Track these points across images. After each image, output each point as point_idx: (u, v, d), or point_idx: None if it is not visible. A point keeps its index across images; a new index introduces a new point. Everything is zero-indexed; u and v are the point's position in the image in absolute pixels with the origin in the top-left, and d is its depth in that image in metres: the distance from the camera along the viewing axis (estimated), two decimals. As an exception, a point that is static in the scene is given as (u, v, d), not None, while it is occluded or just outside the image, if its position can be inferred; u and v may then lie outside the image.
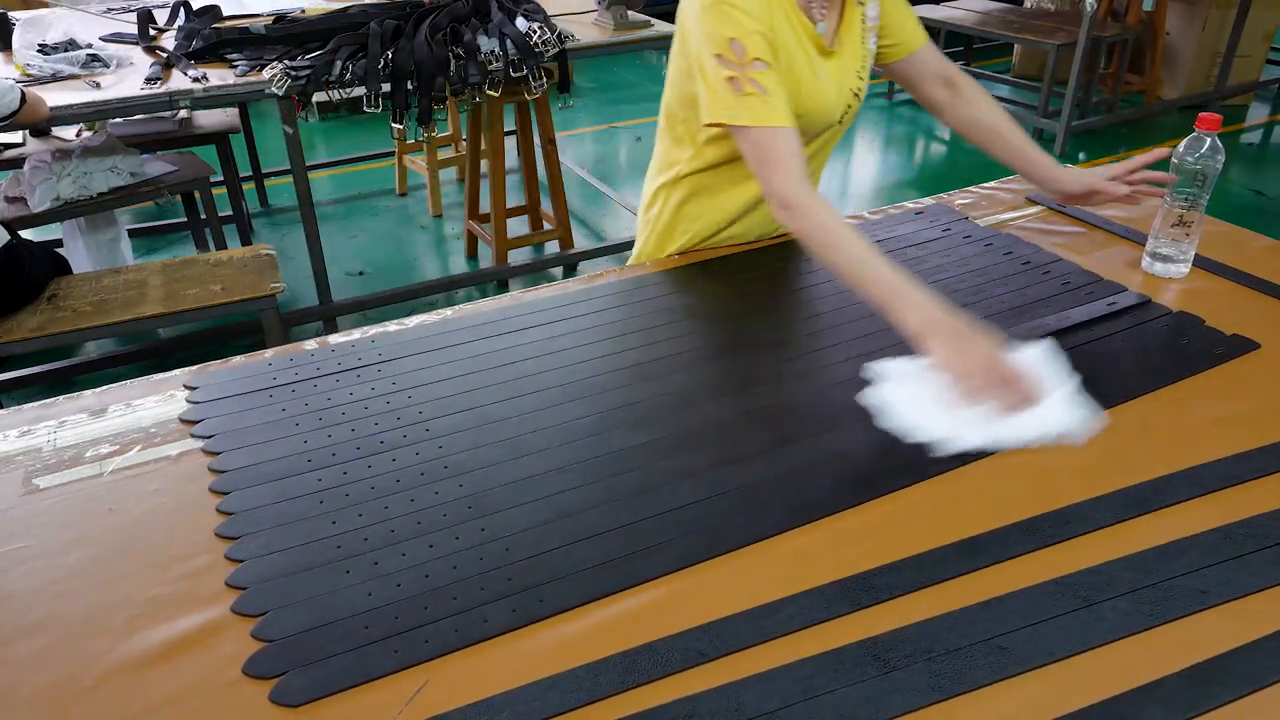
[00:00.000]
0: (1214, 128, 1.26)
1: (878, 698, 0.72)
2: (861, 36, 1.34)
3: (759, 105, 1.18)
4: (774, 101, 1.19)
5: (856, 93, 1.36)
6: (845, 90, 1.34)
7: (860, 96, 1.37)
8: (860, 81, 1.36)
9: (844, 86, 1.33)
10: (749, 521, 0.90)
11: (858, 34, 1.33)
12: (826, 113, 1.33)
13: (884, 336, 1.21)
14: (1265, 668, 0.74)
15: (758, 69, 1.18)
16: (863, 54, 1.35)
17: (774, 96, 1.19)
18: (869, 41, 1.36)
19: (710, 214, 1.44)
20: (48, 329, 2.19)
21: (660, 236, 1.48)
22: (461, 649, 0.78)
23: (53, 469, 1.00)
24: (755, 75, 1.18)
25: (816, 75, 1.29)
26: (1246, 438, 1.00)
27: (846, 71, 1.33)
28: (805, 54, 1.27)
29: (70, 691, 0.75)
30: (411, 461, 0.99)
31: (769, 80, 1.19)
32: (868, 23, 1.35)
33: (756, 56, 1.18)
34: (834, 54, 1.31)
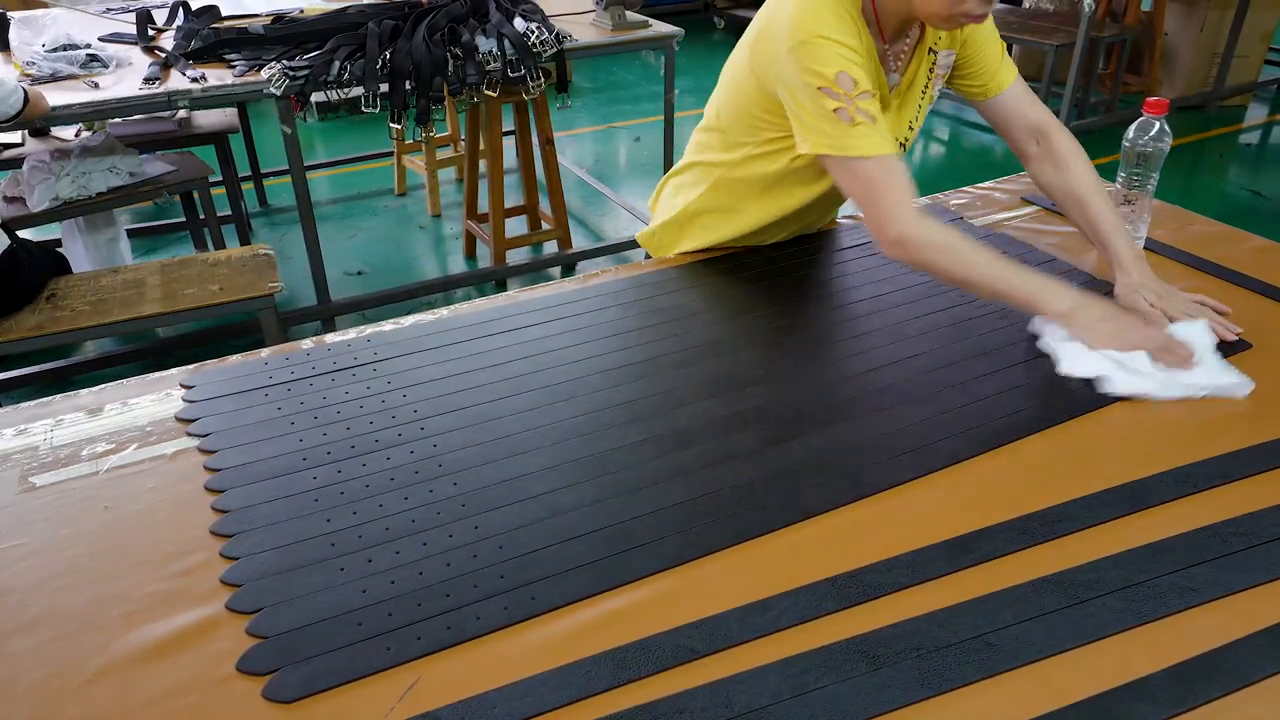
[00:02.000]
0: (1161, 112, 1.32)
1: (868, 694, 0.73)
2: (924, 87, 1.33)
3: (871, 135, 1.16)
4: (883, 129, 1.17)
5: (904, 142, 1.35)
6: (897, 138, 1.32)
7: (907, 146, 1.35)
8: (911, 132, 1.35)
9: (894, 138, 1.30)
10: (740, 520, 0.91)
11: (920, 85, 1.32)
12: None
13: (880, 336, 1.22)
14: (1252, 664, 0.74)
15: (865, 99, 1.15)
16: (918, 105, 1.34)
17: (881, 125, 1.17)
18: (933, 88, 1.34)
19: (725, 228, 1.44)
20: (46, 328, 2.19)
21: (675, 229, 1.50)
22: (454, 646, 0.78)
23: (49, 467, 1.01)
24: (864, 106, 1.15)
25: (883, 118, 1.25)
26: (1237, 437, 1.01)
27: (900, 124, 1.33)
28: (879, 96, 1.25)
29: (66, 687, 0.75)
30: (406, 460, 1.00)
31: (876, 109, 1.17)
32: (936, 69, 1.33)
33: (865, 89, 1.15)
34: (892, 106, 1.30)
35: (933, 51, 1.30)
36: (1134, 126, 1.34)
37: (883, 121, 1.18)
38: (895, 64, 1.28)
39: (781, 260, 1.44)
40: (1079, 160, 1.32)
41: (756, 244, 1.47)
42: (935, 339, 1.20)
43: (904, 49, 1.28)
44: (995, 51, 1.34)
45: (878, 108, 1.17)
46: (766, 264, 1.43)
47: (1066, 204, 1.34)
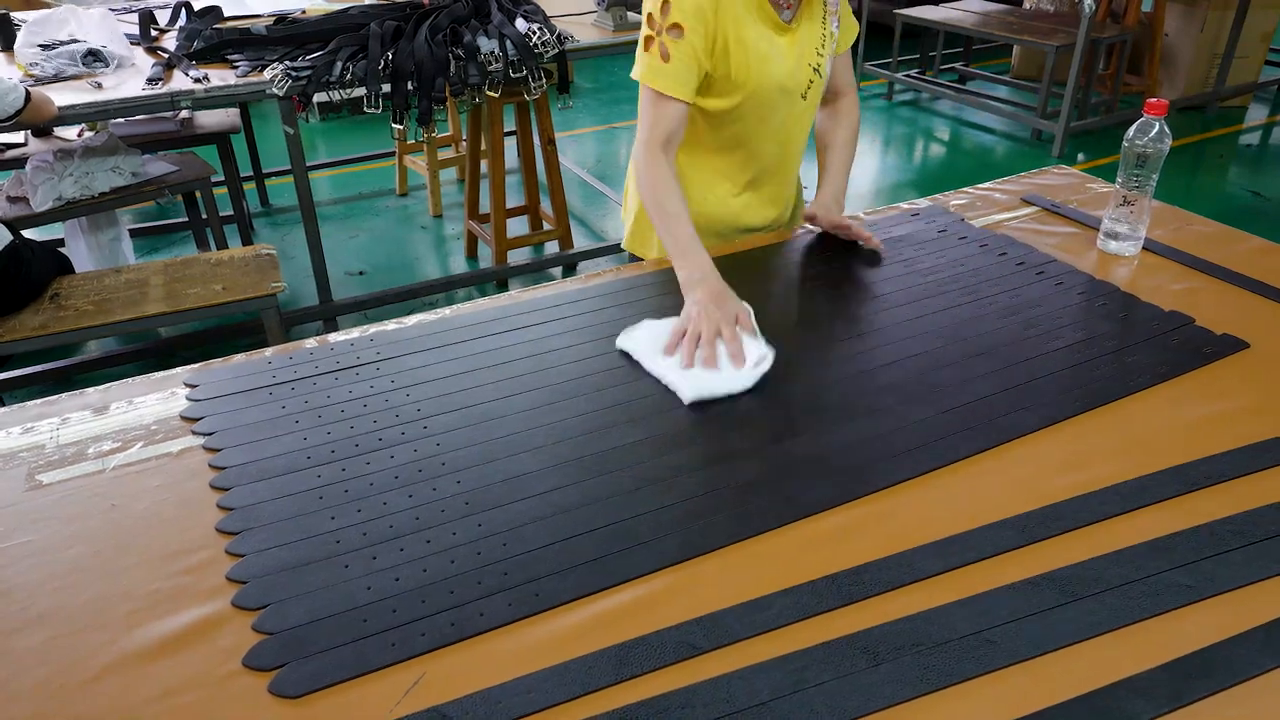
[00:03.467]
0: (1161, 113, 1.33)
1: (867, 689, 0.73)
2: (822, 17, 1.41)
3: (655, 68, 1.30)
4: (672, 70, 1.29)
5: (817, 68, 1.41)
6: (805, 64, 1.39)
7: (822, 74, 1.42)
8: (820, 57, 1.41)
9: (803, 61, 1.39)
10: (740, 518, 0.91)
11: (818, 14, 1.40)
12: (785, 83, 1.38)
13: (879, 336, 1.22)
14: (1248, 661, 0.75)
15: (671, 36, 1.28)
16: (822, 33, 1.41)
17: (675, 65, 1.29)
18: (830, 24, 1.43)
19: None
20: (50, 328, 2.20)
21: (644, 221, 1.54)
22: (458, 642, 0.79)
23: (56, 465, 1.02)
24: (666, 41, 1.28)
25: (771, 48, 1.35)
26: (1233, 436, 1.01)
27: (805, 47, 1.39)
28: (759, 28, 1.34)
29: (73, 683, 0.76)
30: (409, 458, 1.01)
31: (677, 50, 1.28)
32: (830, 5, 1.42)
33: (675, 23, 1.27)
34: (791, 30, 1.37)
35: None
36: (1134, 127, 1.35)
37: (680, 65, 1.29)
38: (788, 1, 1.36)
39: (781, 260, 1.45)
40: (847, 120, 1.55)
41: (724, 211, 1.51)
42: (934, 339, 1.21)
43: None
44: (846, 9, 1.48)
45: (681, 51, 1.28)
46: (767, 264, 1.43)
47: (819, 145, 1.57)
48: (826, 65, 1.43)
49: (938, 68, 5.56)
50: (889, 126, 5.09)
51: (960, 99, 5.11)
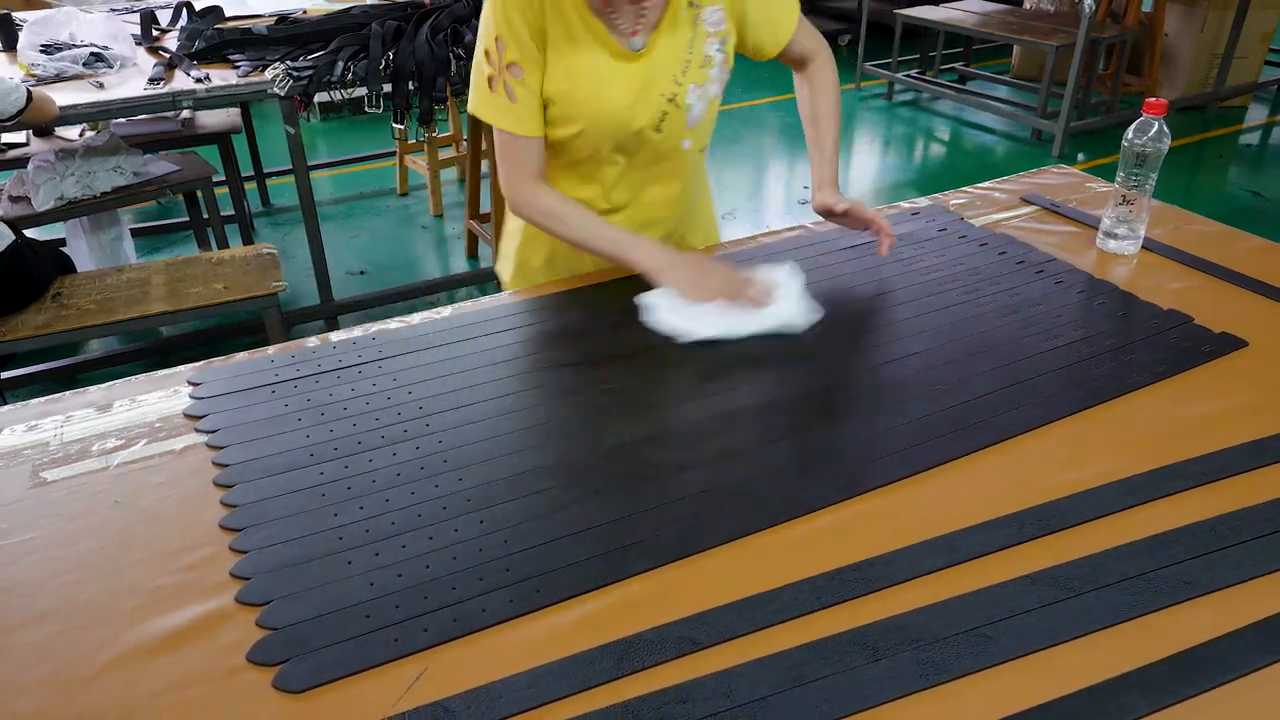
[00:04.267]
0: (1160, 112, 1.34)
1: (867, 685, 0.74)
2: (689, 42, 1.27)
3: (504, 109, 1.25)
4: (519, 110, 1.25)
5: (673, 99, 1.28)
6: (653, 95, 1.27)
7: (680, 104, 1.29)
8: (678, 87, 1.28)
9: (651, 91, 1.27)
10: (740, 515, 0.92)
11: (679, 40, 1.26)
12: (619, 118, 1.27)
13: (879, 335, 1.23)
14: (1246, 657, 0.75)
15: (513, 75, 1.23)
16: (685, 59, 1.27)
17: (521, 105, 1.24)
18: (707, 47, 1.28)
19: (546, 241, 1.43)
20: (53, 327, 2.21)
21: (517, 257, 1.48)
22: (460, 638, 0.79)
23: (59, 462, 1.02)
24: (509, 80, 1.23)
25: (607, 77, 1.25)
26: (1232, 434, 1.02)
27: (657, 75, 1.26)
28: (592, 55, 1.23)
29: (77, 678, 0.76)
30: (411, 456, 1.01)
31: (521, 88, 1.23)
32: (706, 27, 1.28)
33: (511, 60, 1.22)
34: (639, 58, 1.25)
35: (694, 5, 1.26)
36: (1133, 127, 1.35)
37: (525, 103, 1.24)
38: (636, 24, 1.24)
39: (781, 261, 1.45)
40: (823, 85, 1.45)
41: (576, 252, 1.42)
42: (934, 337, 1.21)
43: (644, 9, 1.23)
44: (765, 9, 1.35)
45: (524, 90, 1.23)
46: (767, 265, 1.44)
47: (805, 121, 1.47)
48: (689, 96, 1.29)
49: (938, 68, 5.56)
50: (889, 126, 5.10)
51: (960, 99, 5.12)
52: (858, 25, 5.64)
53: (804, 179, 4.41)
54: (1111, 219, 1.43)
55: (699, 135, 1.36)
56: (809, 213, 1.46)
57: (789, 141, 4.89)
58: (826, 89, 1.46)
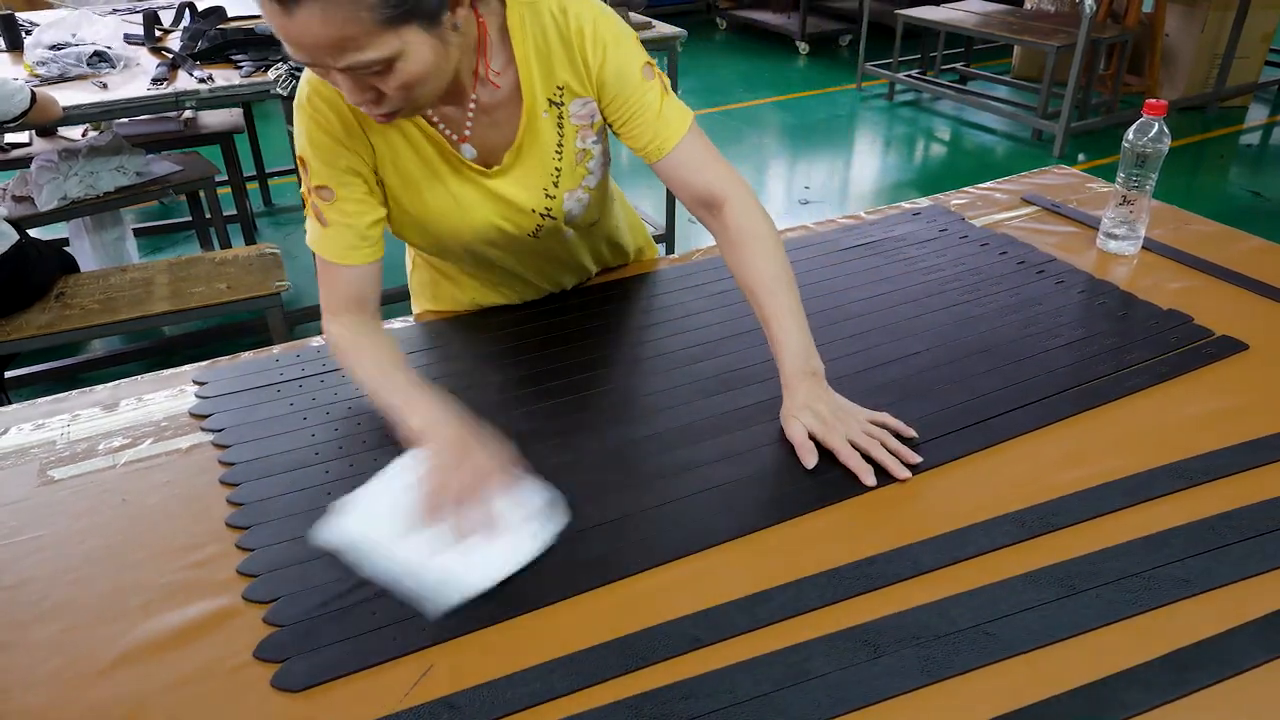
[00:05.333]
0: (1160, 113, 1.34)
1: (868, 681, 0.74)
2: (556, 145, 1.11)
3: (316, 232, 1.08)
4: (334, 235, 1.07)
5: (547, 212, 1.15)
6: (523, 211, 1.14)
7: (557, 213, 1.15)
8: (550, 201, 1.14)
9: (520, 207, 1.13)
10: (743, 513, 0.93)
11: (547, 147, 1.11)
12: (486, 235, 1.15)
13: (880, 334, 1.23)
14: (1243, 653, 0.76)
15: (323, 198, 1.06)
16: (554, 167, 1.12)
17: (333, 230, 1.07)
18: (579, 141, 1.13)
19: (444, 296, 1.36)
20: (56, 326, 2.21)
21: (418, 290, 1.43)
22: (466, 634, 0.80)
23: (67, 461, 1.03)
24: (319, 204, 1.06)
25: (454, 196, 1.11)
26: (1231, 433, 1.02)
27: (524, 189, 1.12)
28: (434, 172, 1.10)
29: (86, 673, 0.77)
30: (416, 454, 1.02)
31: (332, 212, 1.06)
32: (574, 121, 1.11)
33: (320, 184, 1.05)
34: (497, 174, 1.11)
35: (556, 105, 1.09)
36: (1133, 128, 1.36)
37: (339, 228, 1.06)
38: (465, 130, 1.08)
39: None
40: (756, 244, 1.09)
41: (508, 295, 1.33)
42: (935, 337, 1.22)
43: (469, 112, 1.07)
44: (649, 107, 1.09)
45: (338, 213, 1.06)
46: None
47: (743, 291, 1.11)
48: (565, 204, 1.15)
49: (938, 68, 5.57)
50: (890, 127, 5.10)
51: (961, 99, 5.13)
52: (858, 25, 5.65)
53: (804, 179, 4.42)
54: (1112, 219, 1.44)
55: (584, 219, 1.22)
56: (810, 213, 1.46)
57: (790, 141, 4.90)
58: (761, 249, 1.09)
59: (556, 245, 1.25)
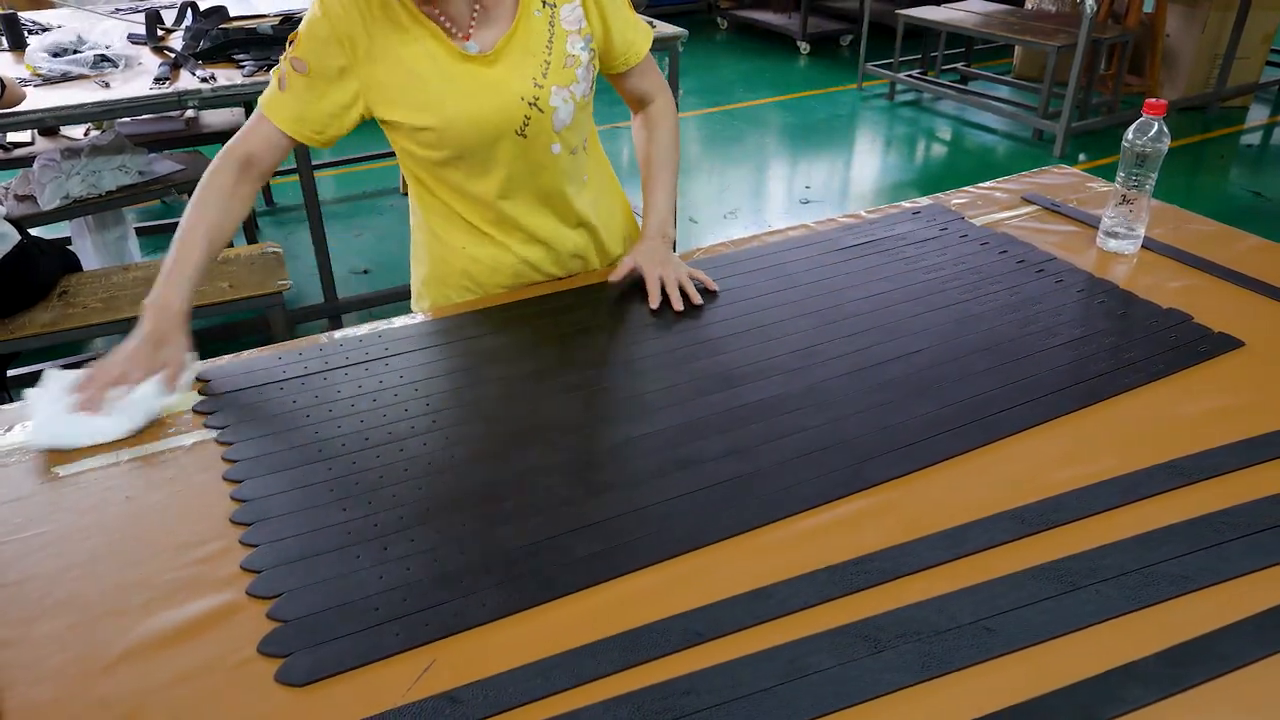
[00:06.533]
0: (1160, 113, 1.35)
1: (869, 676, 0.75)
2: (546, 42, 1.24)
3: (271, 94, 1.21)
4: (284, 99, 1.20)
5: (535, 101, 1.24)
6: (511, 99, 1.23)
7: (544, 107, 1.25)
8: (539, 90, 1.24)
9: (508, 95, 1.23)
10: (744, 510, 0.93)
11: (538, 40, 1.24)
12: (478, 122, 1.22)
13: (881, 332, 1.24)
14: (1242, 649, 0.77)
15: (295, 67, 1.19)
16: (543, 60, 1.24)
17: (289, 96, 1.20)
18: (569, 45, 1.26)
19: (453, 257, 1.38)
20: (59, 324, 2.22)
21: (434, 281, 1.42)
22: (468, 630, 0.81)
23: (71, 457, 1.03)
24: (288, 70, 1.19)
25: (455, 82, 1.21)
26: (1229, 431, 1.03)
27: (513, 78, 1.23)
28: (432, 59, 1.20)
29: (91, 668, 0.78)
30: (419, 451, 1.02)
31: (296, 84, 1.19)
32: (565, 25, 1.25)
33: (297, 55, 1.19)
34: (491, 59, 1.22)
35: (549, 6, 1.24)
36: (1133, 127, 1.37)
37: (293, 96, 1.19)
38: (469, 27, 1.21)
39: (783, 259, 1.46)
40: (660, 131, 1.43)
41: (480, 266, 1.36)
42: (935, 335, 1.22)
43: (474, 11, 1.21)
44: (625, 18, 1.32)
45: (299, 85, 1.19)
46: (768, 262, 1.45)
47: (641, 161, 1.45)
48: (553, 99, 1.24)
49: (939, 68, 5.57)
50: (890, 126, 5.11)
51: (962, 99, 5.13)
52: (859, 25, 5.66)
53: (805, 179, 4.42)
54: (1111, 218, 1.44)
55: (568, 138, 1.30)
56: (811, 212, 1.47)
57: (790, 141, 4.90)
58: (663, 132, 1.43)
59: (545, 166, 1.30)
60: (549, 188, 1.34)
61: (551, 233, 1.38)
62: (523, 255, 1.37)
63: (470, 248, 1.36)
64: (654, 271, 1.32)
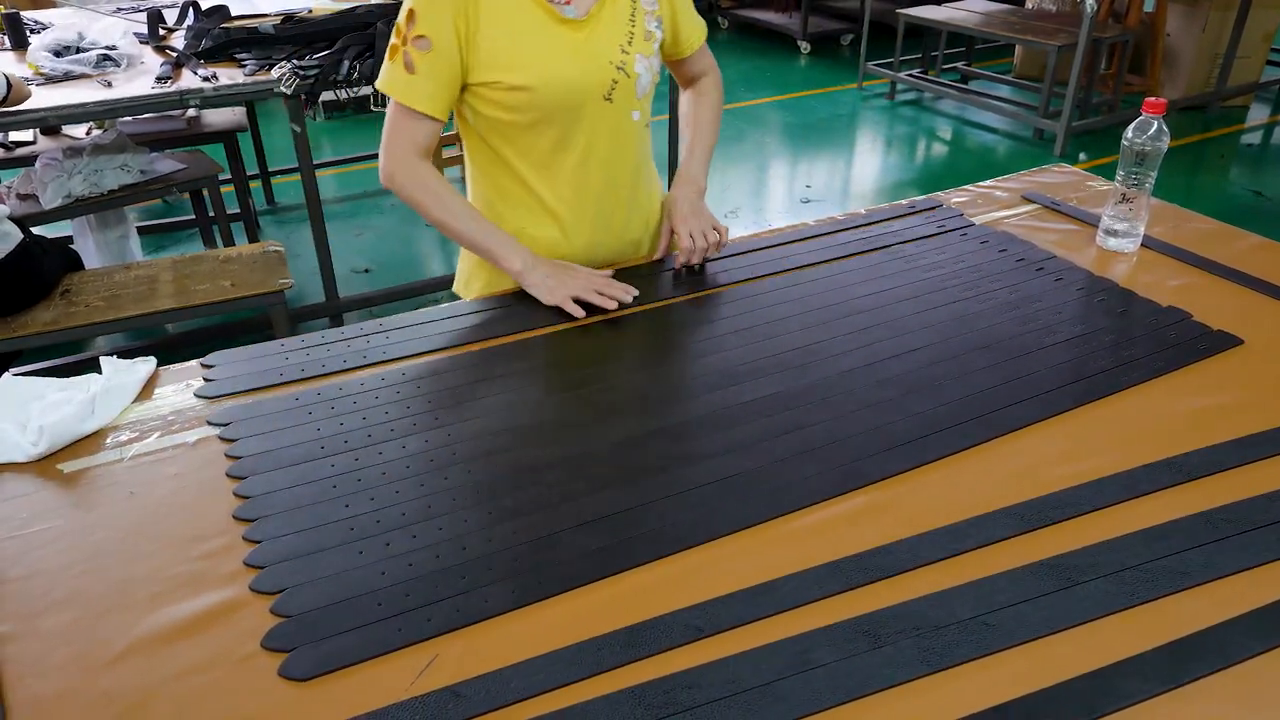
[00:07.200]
0: (1160, 111, 1.35)
1: (869, 671, 0.75)
2: (630, 15, 1.34)
3: (400, 79, 1.25)
4: (417, 82, 1.24)
5: (622, 66, 1.32)
6: (602, 63, 1.30)
7: (630, 72, 1.33)
8: (625, 56, 1.32)
9: (599, 59, 1.30)
10: (745, 506, 0.94)
11: (622, 12, 1.33)
12: (572, 83, 1.28)
13: (882, 330, 1.24)
14: (1240, 644, 0.77)
15: (419, 47, 1.22)
16: (629, 30, 1.33)
17: (421, 77, 1.24)
18: (647, 22, 1.35)
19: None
20: (61, 323, 2.22)
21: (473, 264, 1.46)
22: (471, 625, 0.81)
23: (75, 454, 1.04)
24: (412, 51, 1.23)
25: (552, 44, 1.27)
26: (1228, 428, 1.03)
27: (603, 43, 1.31)
28: (534, 21, 1.27)
29: (96, 663, 0.78)
30: (421, 448, 1.03)
31: (423, 62, 1.23)
32: (644, 4, 1.35)
33: (421, 34, 1.22)
34: (583, 25, 1.29)
35: None
36: (1133, 125, 1.37)
37: (426, 77, 1.24)
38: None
39: (784, 258, 1.47)
40: (705, 101, 1.53)
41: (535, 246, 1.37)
42: (935, 333, 1.23)
43: None
44: (690, 12, 1.45)
45: (428, 63, 1.23)
46: (770, 261, 1.45)
47: (682, 126, 1.54)
48: (637, 65, 1.33)
49: (940, 67, 5.57)
50: (891, 126, 5.11)
51: (962, 99, 5.13)
52: (860, 25, 5.66)
53: (806, 178, 4.43)
54: (1111, 217, 1.44)
55: (645, 108, 1.40)
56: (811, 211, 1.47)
57: (791, 140, 4.90)
58: (709, 99, 1.54)
59: (625, 132, 1.37)
60: (625, 159, 1.40)
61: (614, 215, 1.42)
62: (583, 242, 1.40)
63: (531, 229, 1.38)
64: (684, 227, 1.40)
